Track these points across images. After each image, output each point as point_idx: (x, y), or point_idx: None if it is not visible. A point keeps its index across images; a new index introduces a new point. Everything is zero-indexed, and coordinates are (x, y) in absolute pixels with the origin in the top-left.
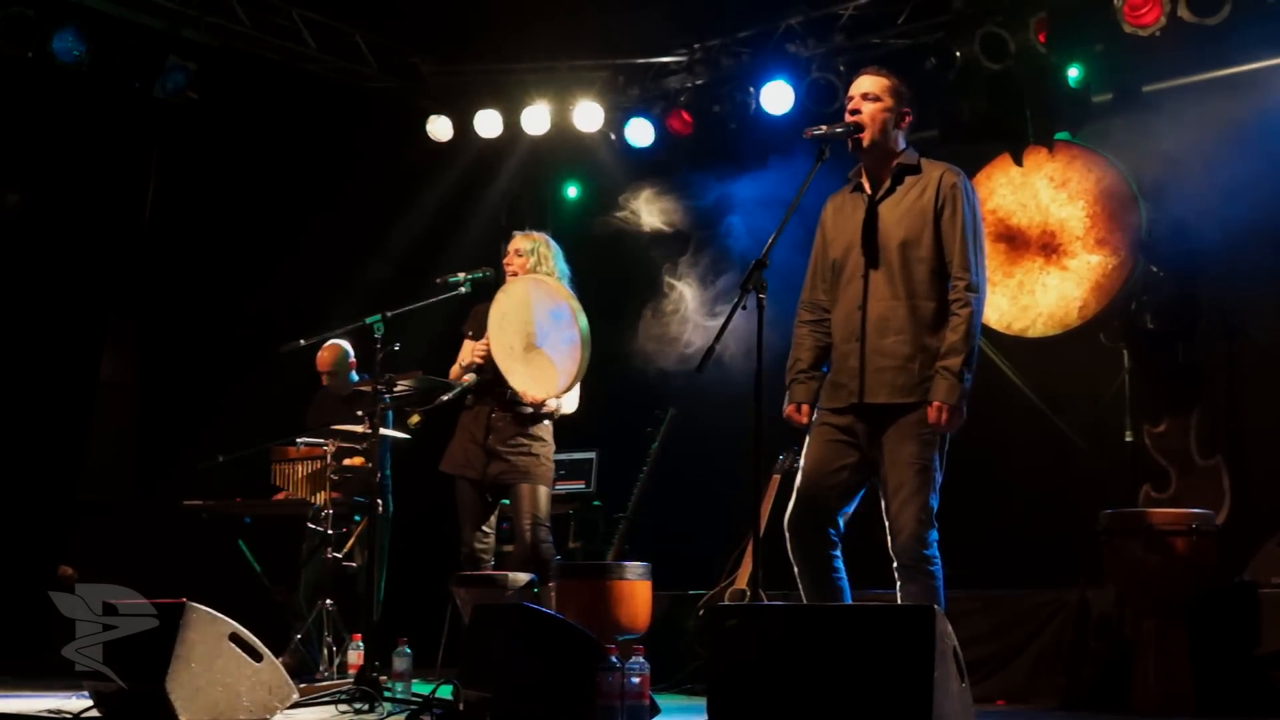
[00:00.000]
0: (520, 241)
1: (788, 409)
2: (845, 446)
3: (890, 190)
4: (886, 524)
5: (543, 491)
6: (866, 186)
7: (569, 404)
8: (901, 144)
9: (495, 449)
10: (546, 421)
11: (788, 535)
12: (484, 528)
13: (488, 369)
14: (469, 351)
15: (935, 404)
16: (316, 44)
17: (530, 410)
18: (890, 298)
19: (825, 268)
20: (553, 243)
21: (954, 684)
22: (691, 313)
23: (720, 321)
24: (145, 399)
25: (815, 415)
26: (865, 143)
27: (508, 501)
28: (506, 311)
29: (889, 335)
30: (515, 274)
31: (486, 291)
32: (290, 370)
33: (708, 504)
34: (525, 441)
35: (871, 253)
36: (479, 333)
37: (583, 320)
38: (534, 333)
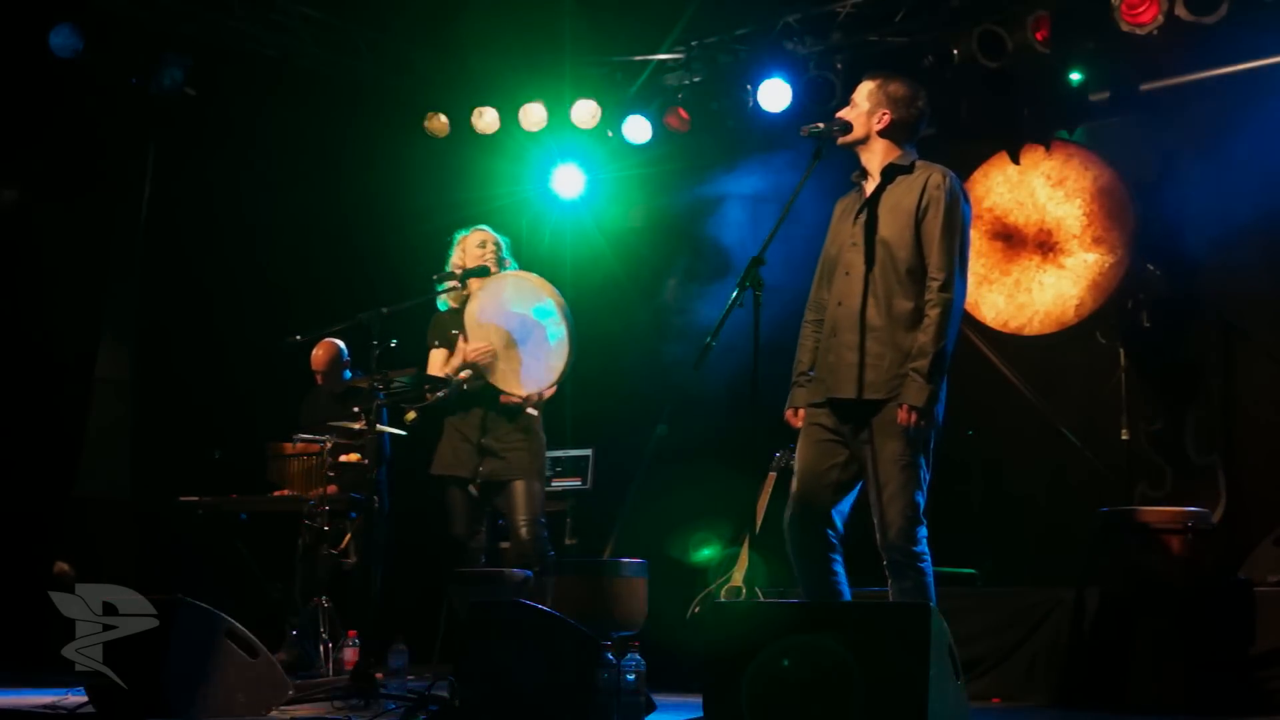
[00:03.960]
0: (485, 235)
1: (787, 413)
2: (833, 445)
3: (880, 189)
4: (875, 521)
5: (536, 487)
6: (865, 186)
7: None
8: (898, 146)
9: (488, 446)
10: (535, 413)
11: (787, 537)
12: (477, 527)
13: (477, 368)
14: (440, 361)
15: (904, 406)
16: (313, 40)
17: (515, 405)
18: (869, 295)
19: (829, 267)
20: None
21: (949, 682)
22: (687, 309)
23: (717, 318)
24: (141, 395)
25: (804, 414)
26: (846, 140)
27: (499, 499)
28: (485, 307)
29: (865, 332)
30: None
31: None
32: (287, 366)
33: (704, 502)
34: (518, 437)
35: (858, 251)
36: (445, 341)
37: (570, 317)
38: (516, 328)
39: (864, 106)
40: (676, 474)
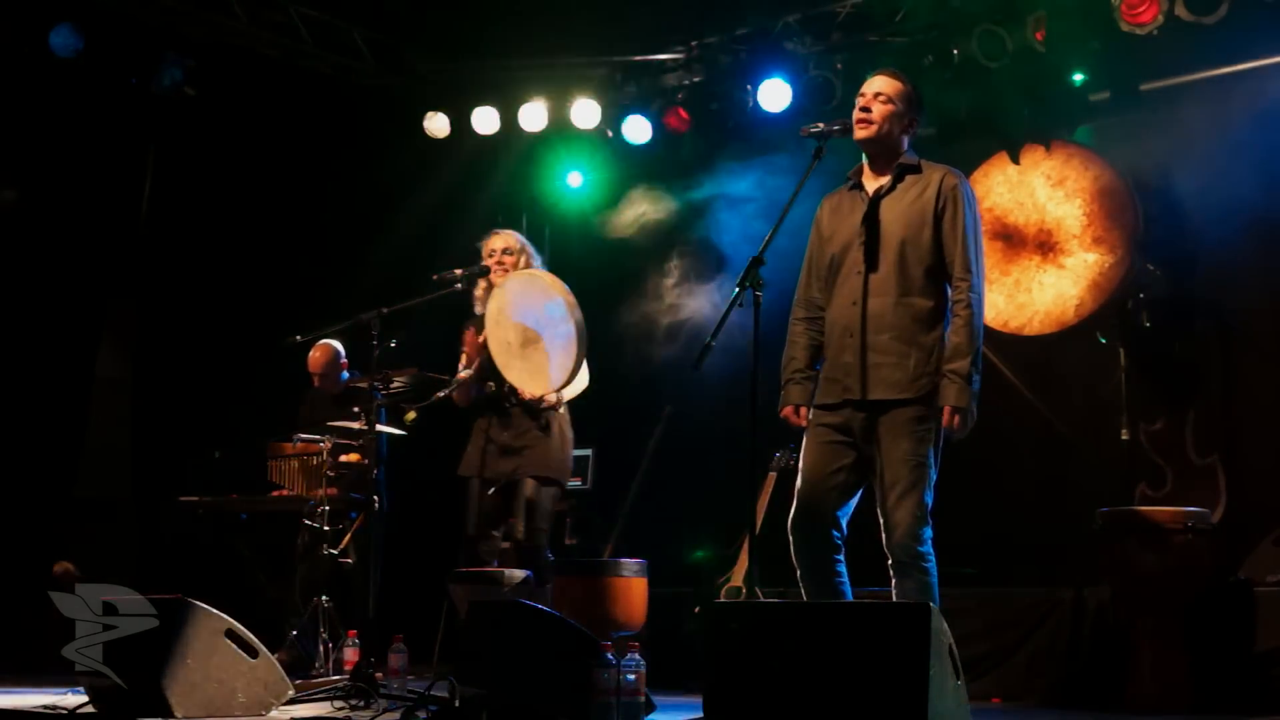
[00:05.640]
0: (508, 240)
1: (784, 410)
2: (841, 447)
3: (890, 188)
4: (881, 521)
5: (546, 488)
6: (866, 185)
7: (576, 387)
8: (905, 146)
9: (509, 446)
10: (560, 413)
11: (790, 538)
12: (494, 531)
13: (490, 368)
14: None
15: (946, 409)
16: (313, 40)
17: (534, 405)
18: (886, 294)
19: (821, 265)
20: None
21: (949, 681)
22: (687, 309)
23: (717, 317)
24: (142, 395)
25: (810, 415)
26: (872, 135)
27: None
28: (503, 306)
29: (884, 332)
30: (507, 273)
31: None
32: (287, 366)
33: (704, 501)
34: (535, 435)
35: (869, 250)
36: (480, 327)
37: (578, 314)
38: (530, 327)
39: (899, 107)
40: (676, 474)
